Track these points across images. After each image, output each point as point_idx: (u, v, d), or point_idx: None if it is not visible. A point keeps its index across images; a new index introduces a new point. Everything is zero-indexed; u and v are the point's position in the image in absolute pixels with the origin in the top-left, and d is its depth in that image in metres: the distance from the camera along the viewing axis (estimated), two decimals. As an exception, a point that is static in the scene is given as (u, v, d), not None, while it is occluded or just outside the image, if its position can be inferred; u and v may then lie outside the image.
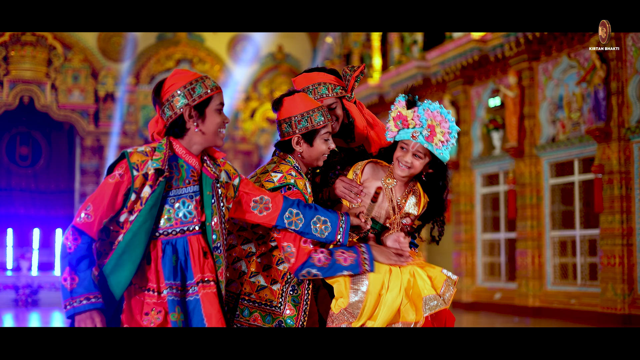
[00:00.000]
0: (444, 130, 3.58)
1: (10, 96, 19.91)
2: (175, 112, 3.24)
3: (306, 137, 3.67)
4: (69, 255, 3.04)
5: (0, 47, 20.05)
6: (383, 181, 3.72)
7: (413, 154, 3.63)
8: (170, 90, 3.25)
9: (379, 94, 18.04)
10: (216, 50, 21.99)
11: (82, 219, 3.08)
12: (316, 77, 3.90)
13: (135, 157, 3.17)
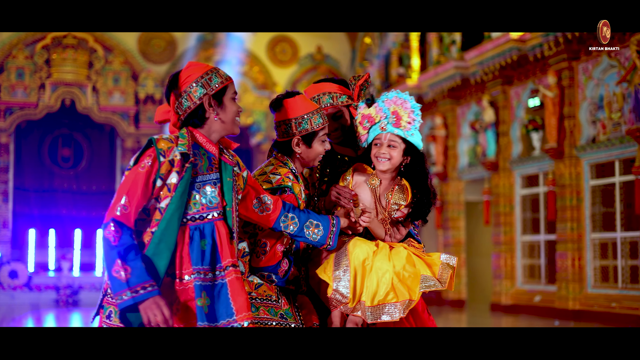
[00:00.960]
0: (407, 110, 3.69)
1: (52, 98, 20.17)
2: (194, 102, 3.30)
3: (305, 139, 3.75)
4: (115, 247, 3.07)
5: (43, 50, 20.33)
6: (368, 182, 3.81)
7: (388, 145, 3.71)
8: (187, 82, 3.30)
9: (418, 94, 17.93)
10: (255, 52, 22.04)
11: (120, 211, 3.10)
12: (322, 87, 4.00)
13: (161, 143, 3.21)
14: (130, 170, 3.17)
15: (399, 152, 3.73)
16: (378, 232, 3.78)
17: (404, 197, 3.80)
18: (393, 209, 3.79)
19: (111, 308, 3.23)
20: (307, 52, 22.50)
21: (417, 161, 3.79)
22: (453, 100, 16.75)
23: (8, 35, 20.21)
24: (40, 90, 20.19)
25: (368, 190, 3.81)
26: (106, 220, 3.09)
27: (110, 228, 3.08)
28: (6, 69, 20.01)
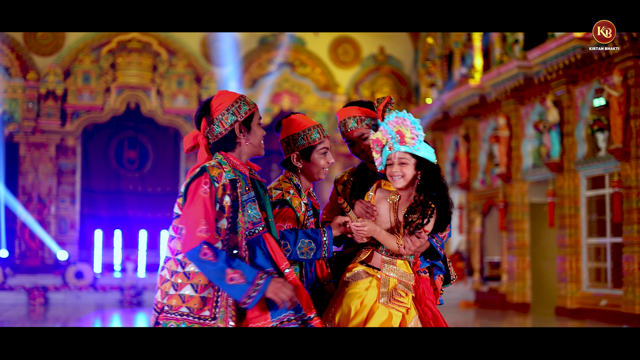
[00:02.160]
0: (408, 127, 3.88)
1: (118, 102, 20.49)
2: (226, 129, 3.63)
3: (303, 154, 4.02)
4: (217, 262, 3.38)
5: (108, 54, 20.67)
6: (389, 198, 4.03)
7: (399, 163, 3.91)
8: (219, 109, 3.64)
9: (480, 94, 17.69)
10: (317, 53, 22.05)
11: (205, 234, 3.40)
12: (348, 112, 4.28)
13: (213, 170, 3.51)
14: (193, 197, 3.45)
15: (410, 167, 3.92)
16: (388, 243, 3.93)
17: (419, 210, 3.95)
18: (408, 222, 3.93)
19: (172, 322, 3.48)
20: (369, 53, 22.41)
21: (430, 174, 3.95)
22: (516, 100, 16.47)
23: (75, 39, 20.61)
24: (105, 93, 20.53)
25: (387, 205, 4.01)
26: (195, 245, 3.36)
27: (205, 250, 3.37)
28: (73, 73, 20.41)
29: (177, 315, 3.48)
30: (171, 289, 3.50)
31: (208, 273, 3.39)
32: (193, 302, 3.48)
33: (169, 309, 3.50)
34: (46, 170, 20.31)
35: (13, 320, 13.89)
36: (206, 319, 3.48)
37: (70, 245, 20.31)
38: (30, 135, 20.09)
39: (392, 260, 3.98)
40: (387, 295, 3.92)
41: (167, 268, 3.54)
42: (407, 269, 3.99)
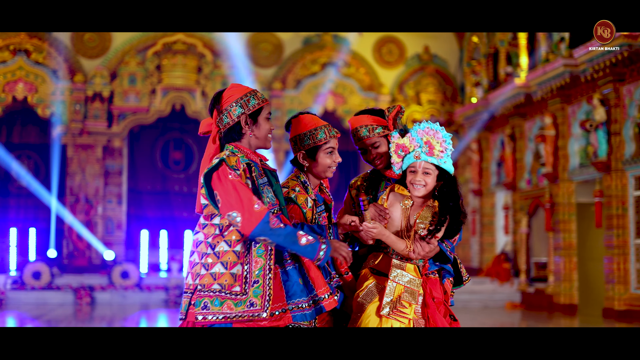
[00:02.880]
0: (439, 140, 4.03)
1: (163, 103, 20.66)
2: (233, 119, 3.89)
3: (310, 153, 4.20)
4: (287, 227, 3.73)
5: (154, 56, 20.85)
6: (402, 203, 4.15)
7: (422, 172, 4.05)
8: (228, 101, 3.89)
9: (526, 93, 17.48)
10: (362, 53, 21.98)
11: (263, 207, 3.71)
12: (360, 120, 4.40)
13: (230, 160, 3.79)
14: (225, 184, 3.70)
15: (433, 178, 4.07)
16: (397, 246, 4.08)
17: (430, 217, 4.11)
18: (419, 227, 4.08)
19: (205, 299, 3.70)
20: (414, 53, 22.27)
21: (449, 185, 4.11)
22: (563, 99, 16.24)
23: (121, 42, 20.83)
24: (151, 95, 20.72)
25: (400, 210, 4.15)
26: (261, 219, 3.64)
27: (272, 220, 3.67)
28: (119, 76, 20.63)
29: (209, 292, 3.70)
30: (202, 270, 3.75)
31: (281, 239, 3.67)
32: (224, 279, 3.71)
33: (202, 287, 3.72)
34: (93, 171, 20.56)
35: (60, 319, 14.08)
36: (237, 294, 3.71)
37: (117, 246, 20.54)
38: (78, 137, 20.36)
39: (402, 265, 4.10)
40: (390, 305, 4.03)
41: (197, 252, 3.81)
42: (416, 274, 4.10)
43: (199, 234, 3.84)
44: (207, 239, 3.78)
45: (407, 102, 21.92)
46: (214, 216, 3.80)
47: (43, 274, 17.24)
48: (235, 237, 3.75)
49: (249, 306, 3.69)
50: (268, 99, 4.01)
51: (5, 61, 20.29)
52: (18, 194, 21.43)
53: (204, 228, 3.82)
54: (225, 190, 3.69)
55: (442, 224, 4.07)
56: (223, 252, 3.73)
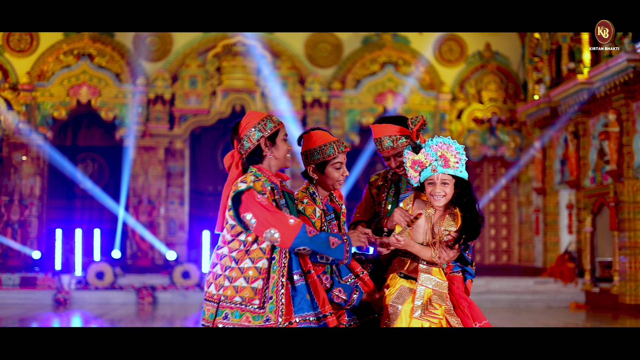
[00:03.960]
0: (453, 152, 4.32)
1: (224, 105, 20.82)
2: (254, 143, 4.20)
3: (319, 167, 4.47)
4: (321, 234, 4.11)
5: (214, 58, 21.03)
6: (425, 211, 4.41)
7: (441, 184, 4.31)
8: (247, 127, 4.23)
9: (589, 89, 17.11)
10: (422, 52, 21.82)
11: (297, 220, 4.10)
12: (384, 130, 4.62)
13: (257, 185, 4.13)
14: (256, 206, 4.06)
15: (451, 187, 4.34)
16: (423, 254, 4.36)
17: (454, 224, 4.39)
18: (444, 234, 4.36)
19: (226, 310, 4.05)
20: (475, 50, 22.02)
21: (465, 191, 4.37)
22: (627, 94, 15.85)
23: (182, 44, 21.08)
24: (212, 97, 20.90)
25: (424, 218, 4.40)
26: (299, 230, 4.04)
27: (309, 229, 4.07)
28: (180, 78, 20.87)
29: (231, 304, 4.05)
30: (226, 281, 4.09)
31: (318, 245, 4.06)
32: (245, 292, 4.05)
33: (225, 299, 4.07)
34: (155, 172, 20.84)
35: (122, 318, 14.29)
36: (255, 307, 4.05)
37: (180, 246, 20.79)
38: (140, 139, 20.65)
39: (429, 269, 4.38)
40: (422, 307, 4.31)
41: (221, 265, 4.14)
42: (442, 277, 4.40)
43: (224, 248, 4.18)
44: (231, 253, 4.14)
45: (469, 100, 21.68)
46: (240, 233, 4.15)
47: (106, 274, 17.54)
48: (258, 255, 4.12)
49: (265, 321, 4.05)
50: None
51: (69, 65, 20.72)
52: (83, 195, 21.83)
53: (229, 243, 4.16)
54: (258, 212, 4.05)
55: (465, 230, 4.35)
56: (246, 267, 4.09)
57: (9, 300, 16.80)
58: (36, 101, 20.56)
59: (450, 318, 4.37)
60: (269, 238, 4.06)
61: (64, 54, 20.85)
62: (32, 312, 14.95)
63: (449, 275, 4.49)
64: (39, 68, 20.70)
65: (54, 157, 20.79)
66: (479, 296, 17.26)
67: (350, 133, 21.16)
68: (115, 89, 20.74)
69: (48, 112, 20.59)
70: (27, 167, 20.37)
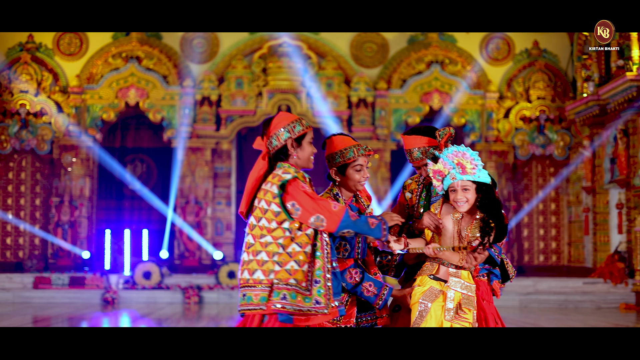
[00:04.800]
0: (468, 159, 4.52)
1: (269, 105, 20.92)
2: (281, 143, 4.51)
3: (340, 169, 4.77)
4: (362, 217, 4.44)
5: (260, 59, 21.13)
6: (452, 215, 4.63)
7: (462, 190, 4.55)
8: (277, 127, 4.53)
9: (638, 87, 16.80)
10: (468, 50, 21.65)
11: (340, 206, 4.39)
12: (413, 142, 4.85)
13: (299, 175, 4.49)
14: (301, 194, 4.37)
15: (472, 192, 4.55)
16: (452, 260, 4.57)
17: (479, 229, 4.57)
18: (472, 239, 4.56)
19: (284, 291, 4.32)
20: (522, 48, 21.77)
21: (488, 195, 4.57)
22: (679, 91, 15.55)
23: (228, 46, 21.23)
24: (257, 98, 21.01)
25: (452, 222, 4.62)
26: (342, 215, 4.33)
27: (351, 213, 4.38)
28: (226, 79, 21.01)
29: (287, 286, 4.32)
30: (276, 266, 4.34)
31: (360, 227, 4.37)
32: (298, 275, 4.34)
33: (279, 281, 4.32)
34: (202, 173, 21.02)
35: (168, 317, 14.43)
36: (304, 289, 4.36)
37: (227, 246, 20.93)
38: (187, 140, 20.84)
39: (457, 272, 4.59)
40: (453, 310, 4.52)
41: (267, 252, 4.38)
42: (470, 280, 4.60)
43: (267, 236, 4.41)
44: (277, 241, 4.38)
45: (516, 98, 21.45)
46: (284, 221, 4.41)
47: (153, 274, 17.74)
48: (305, 240, 4.40)
49: (315, 304, 4.35)
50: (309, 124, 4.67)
51: (117, 68, 21.03)
52: (132, 196, 22.12)
53: (272, 231, 4.41)
54: (304, 200, 4.35)
55: (489, 234, 4.52)
56: (295, 252, 4.37)
57: (58, 300, 17.10)
58: (85, 104, 20.90)
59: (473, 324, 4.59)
60: (315, 223, 4.36)
61: (113, 57, 21.16)
62: (81, 311, 15.18)
63: (475, 279, 4.69)
64: (88, 71, 21.04)
65: (104, 158, 21.12)
66: (526, 297, 17.09)
67: (396, 133, 21.08)
68: (163, 91, 20.98)
69: (97, 114, 20.92)
70: (77, 168, 20.71)
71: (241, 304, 4.43)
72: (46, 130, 20.77)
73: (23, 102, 20.69)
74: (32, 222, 20.94)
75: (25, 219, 20.94)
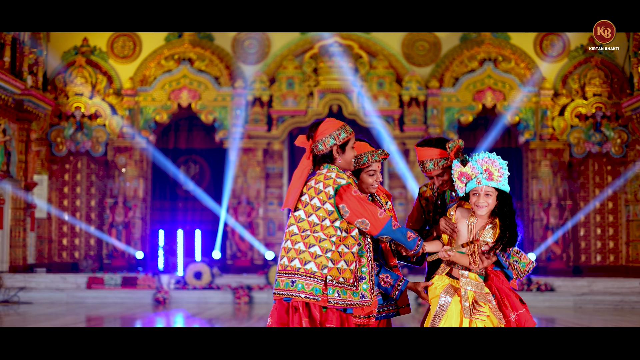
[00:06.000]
0: (497, 167, 4.75)
1: (320, 105, 20.91)
2: (327, 148, 4.88)
3: (354, 173, 5.10)
4: (402, 228, 4.81)
5: (311, 59, 21.13)
6: (467, 220, 4.90)
7: (484, 195, 4.78)
8: (324, 133, 4.89)
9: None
10: (522, 47, 21.34)
11: (386, 214, 4.78)
12: (426, 154, 5.14)
13: (350, 180, 4.86)
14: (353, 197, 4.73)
15: (493, 199, 4.80)
16: (462, 261, 4.85)
17: (493, 234, 4.85)
18: (482, 244, 4.83)
19: (337, 289, 4.73)
20: (578, 45, 21.37)
21: (506, 203, 4.82)
22: None
23: (279, 47, 21.29)
24: (309, 98, 21.02)
25: (466, 226, 4.90)
26: (385, 222, 4.73)
27: (394, 222, 4.77)
28: (277, 80, 21.07)
29: (338, 284, 4.73)
30: (329, 263, 4.74)
31: (398, 236, 4.77)
32: (345, 273, 4.77)
33: (332, 278, 4.72)
34: (254, 174, 21.10)
35: (219, 317, 14.50)
36: (351, 285, 4.78)
37: (279, 246, 20.86)
38: (239, 140, 20.94)
39: (466, 273, 4.88)
40: (469, 308, 4.78)
41: (320, 247, 4.76)
42: (477, 279, 4.87)
43: (320, 233, 4.78)
44: (330, 238, 4.77)
45: (572, 95, 21.05)
46: (336, 220, 4.79)
47: (204, 274, 17.85)
48: (351, 242, 4.82)
49: (361, 297, 4.79)
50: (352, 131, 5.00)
51: (170, 70, 21.24)
52: (185, 197, 22.33)
53: (325, 229, 4.78)
54: (354, 203, 4.74)
55: (502, 240, 4.80)
56: (344, 252, 4.78)
57: (110, 300, 17.33)
58: (139, 106, 21.16)
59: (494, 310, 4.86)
60: (360, 225, 4.78)
61: (165, 59, 21.37)
62: (132, 311, 15.34)
63: (491, 270, 4.98)
64: (141, 73, 21.29)
65: (157, 159, 21.35)
66: (581, 297, 16.76)
67: (448, 132, 20.90)
68: (215, 92, 21.12)
69: (150, 116, 21.15)
70: (131, 170, 20.97)
71: (289, 289, 4.77)
72: (101, 133, 21.09)
73: (78, 104, 21.04)
74: (88, 223, 21.27)
75: (81, 220, 21.28)
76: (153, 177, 22.05)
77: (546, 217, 20.64)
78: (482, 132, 21.67)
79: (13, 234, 19.17)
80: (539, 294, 17.02)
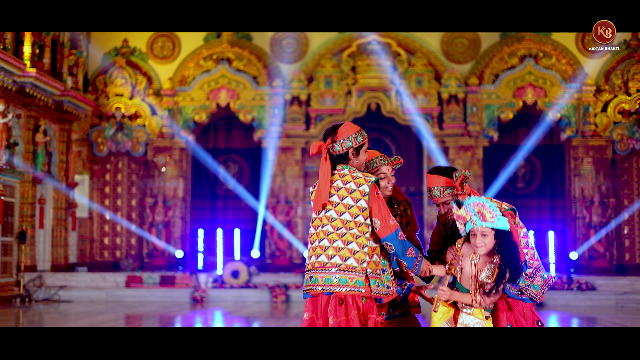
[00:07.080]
0: (488, 209, 4.95)
1: (359, 104, 20.84)
2: (343, 150, 5.11)
3: None
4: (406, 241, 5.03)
5: (349, 58, 21.07)
6: (471, 257, 5.06)
7: (481, 235, 4.97)
8: (342, 135, 5.12)
9: None
10: (563, 43, 21.07)
11: (396, 223, 5.03)
12: (433, 182, 5.37)
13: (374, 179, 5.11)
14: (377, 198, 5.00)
15: (490, 238, 4.98)
16: (464, 300, 5.05)
17: (491, 274, 5.01)
18: (485, 283, 5.00)
19: (377, 280, 5.02)
20: (621, 39, 21.04)
21: (505, 240, 4.97)
22: None
23: (317, 45, 21.28)
24: (347, 96, 20.97)
25: (469, 264, 5.07)
26: (394, 230, 4.98)
27: (400, 233, 5.02)
28: (315, 79, 21.04)
29: (376, 275, 5.02)
30: (366, 257, 5.01)
31: (399, 248, 5.00)
32: (378, 267, 5.07)
33: (371, 271, 5.01)
34: (292, 173, 21.11)
35: (255, 315, 14.51)
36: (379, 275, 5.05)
37: (316, 246, 20.87)
38: (277, 139, 20.95)
39: (470, 310, 5.06)
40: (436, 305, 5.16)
41: (357, 243, 5.02)
42: (482, 317, 5.03)
43: (355, 229, 5.03)
44: (365, 234, 5.04)
45: (614, 91, 20.72)
46: (368, 217, 5.05)
47: (241, 273, 17.89)
48: (376, 237, 5.09)
49: (387, 288, 5.10)
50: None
51: (209, 70, 21.34)
52: (225, 196, 22.42)
53: (359, 225, 5.03)
54: (375, 203, 5.02)
55: (503, 278, 4.96)
56: (373, 247, 5.07)
57: (149, 298, 17.46)
58: (178, 106, 21.29)
59: None
60: (373, 224, 5.03)
61: (204, 59, 21.47)
62: (170, 310, 15.42)
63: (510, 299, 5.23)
64: (180, 74, 21.42)
65: (197, 159, 21.45)
66: (622, 296, 16.50)
67: (488, 129, 20.71)
68: (253, 91, 21.17)
69: (189, 116, 21.27)
70: (170, 169, 21.10)
71: (330, 284, 4.99)
72: (140, 133, 21.25)
73: (118, 105, 21.23)
74: (129, 222, 21.43)
75: (122, 219, 21.45)
76: (193, 176, 22.18)
77: (589, 215, 20.35)
78: (524, 130, 21.45)
79: (55, 234, 19.40)
80: (579, 293, 16.78)
